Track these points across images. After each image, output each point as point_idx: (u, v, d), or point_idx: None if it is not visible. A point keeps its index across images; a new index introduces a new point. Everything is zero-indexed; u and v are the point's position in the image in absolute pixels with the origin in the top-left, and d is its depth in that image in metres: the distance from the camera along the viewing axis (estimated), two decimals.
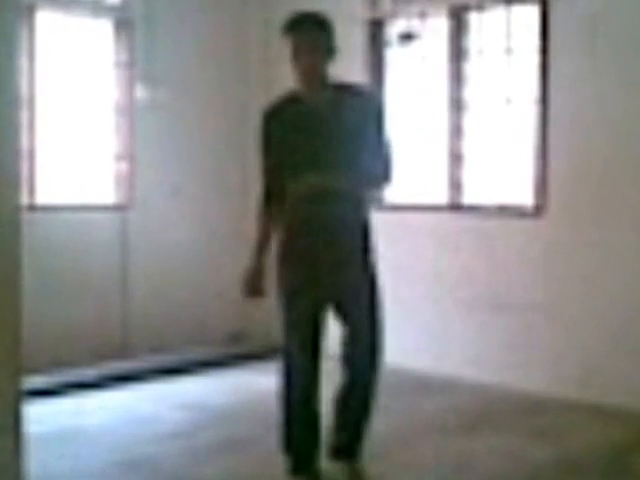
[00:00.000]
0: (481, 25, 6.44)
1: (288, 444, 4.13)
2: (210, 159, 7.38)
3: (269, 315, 7.50)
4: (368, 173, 3.99)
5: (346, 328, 4.04)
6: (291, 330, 4.02)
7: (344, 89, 3.99)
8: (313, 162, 3.88)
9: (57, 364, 6.23)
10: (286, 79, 7.48)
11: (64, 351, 6.34)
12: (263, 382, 6.32)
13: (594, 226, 5.80)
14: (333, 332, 4.14)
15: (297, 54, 3.88)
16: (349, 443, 4.12)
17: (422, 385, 6.18)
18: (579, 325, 5.87)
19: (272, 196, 4.02)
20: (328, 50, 3.91)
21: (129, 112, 6.89)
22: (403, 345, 6.35)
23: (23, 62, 6.09)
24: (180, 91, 7.12)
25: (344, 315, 4.03)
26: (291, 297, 4.00)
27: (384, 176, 4.03)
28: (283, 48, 4.02)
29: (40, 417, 5.24)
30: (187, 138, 7.21)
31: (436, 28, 6.63)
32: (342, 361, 4.08)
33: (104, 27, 6.82)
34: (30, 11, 6.30)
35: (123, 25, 6.86)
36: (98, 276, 6.68)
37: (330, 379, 4.20)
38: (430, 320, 6.51)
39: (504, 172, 6.37)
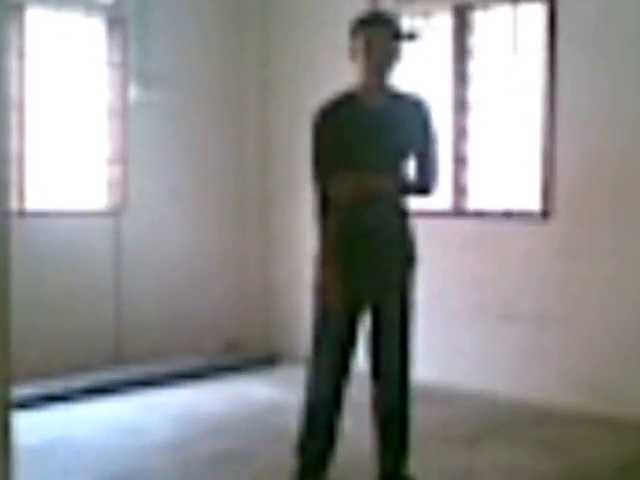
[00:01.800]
0: (486, 24, 6.31)
1: (302, 448, 4.03)
2: (206, 161, 7.21)
3: (265, 324, 7.39)
4: (414, 180, 4.05)
5: (377, 335, 4.00)
6: (324, 335, 3.94)
7: (401, 96, 4.01)
8: (363, 163, 3.89)
9: (47, 374, 6.09)
10: (284, 78, 7.44)
11: (54, 361, 6.21)
12: (258, 392, 6.27)
13: (604, 230, 5.68)
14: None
15: (370, 49, 3.86)
16: (396, 466, 4.07)
17: (427, 395, 6.00)
18: (590, 333, 5.74)
19: (326, 198, 3.93)
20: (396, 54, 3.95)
21: (122, 113, 6.73)
22: None
23: (12, 62, 6.03)
24: (174, 91, 6.96)
25: (377, 318, 3.98)
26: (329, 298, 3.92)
27: (429, 186, 4.09)
28: (283, 47, 3.90)
29: (29, 428, 5.11)
30: (182, 140, 7.05)
31: (440, 27, 6.52)
32: (371, 371, 4.04)
33: (96, 26, 6.67)
34: (19, 9, 6.16)
35: (116, 24, 6.71)
36: (90, 283, 6.53)
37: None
38: (435, 328, 6.33)
39: (510, 175, 6.23)
